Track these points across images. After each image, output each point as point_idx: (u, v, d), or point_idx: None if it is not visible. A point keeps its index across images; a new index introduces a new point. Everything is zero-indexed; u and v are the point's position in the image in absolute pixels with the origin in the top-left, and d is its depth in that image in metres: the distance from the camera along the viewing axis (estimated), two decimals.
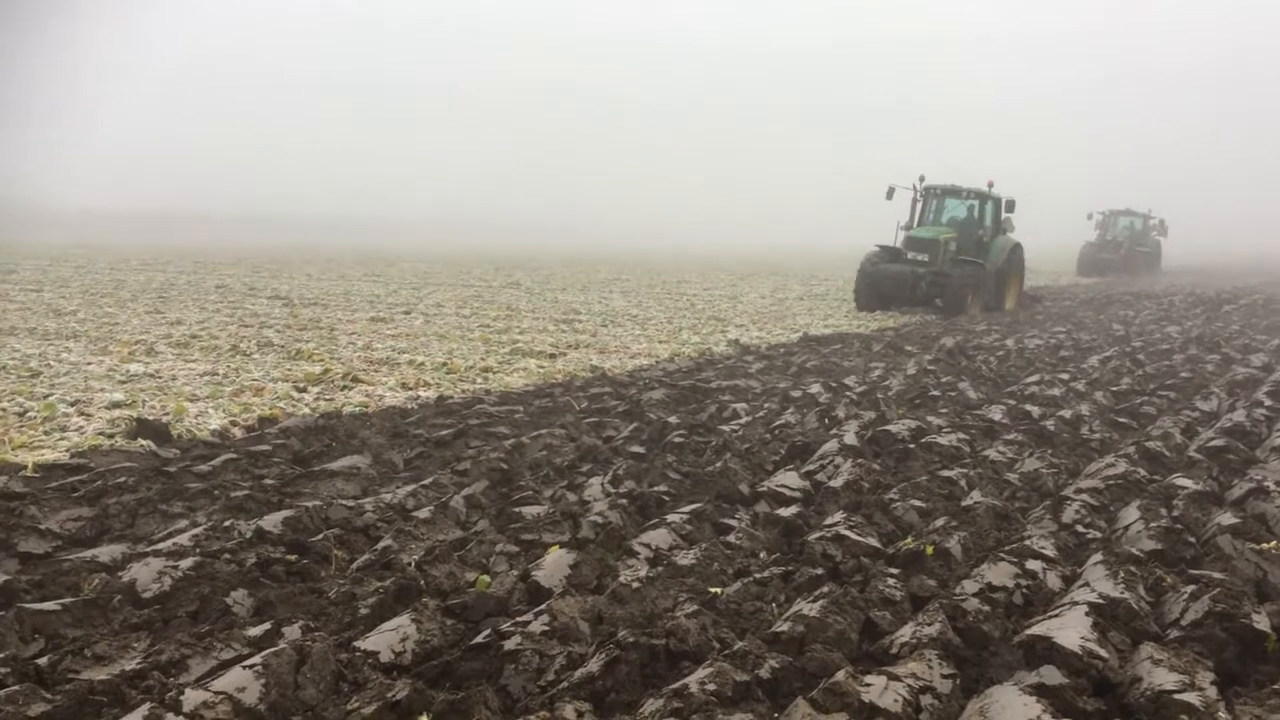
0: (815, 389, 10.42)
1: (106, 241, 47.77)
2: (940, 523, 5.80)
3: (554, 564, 4.86)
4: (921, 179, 22.85)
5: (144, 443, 7.53)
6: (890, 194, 21.96)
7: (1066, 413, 9.30)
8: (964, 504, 6.28)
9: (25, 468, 6.60)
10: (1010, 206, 22.38)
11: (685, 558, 5.09)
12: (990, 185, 22.54)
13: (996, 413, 9.37)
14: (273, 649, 3.67)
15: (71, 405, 9.05)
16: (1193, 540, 5.59)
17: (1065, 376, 11.79)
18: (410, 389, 10.76)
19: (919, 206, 22.86)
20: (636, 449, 7.64)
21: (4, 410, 8.70)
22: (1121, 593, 4.54)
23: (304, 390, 10.41)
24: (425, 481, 6.46)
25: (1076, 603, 4.41)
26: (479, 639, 3.97)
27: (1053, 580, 4.95)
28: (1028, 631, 4.16)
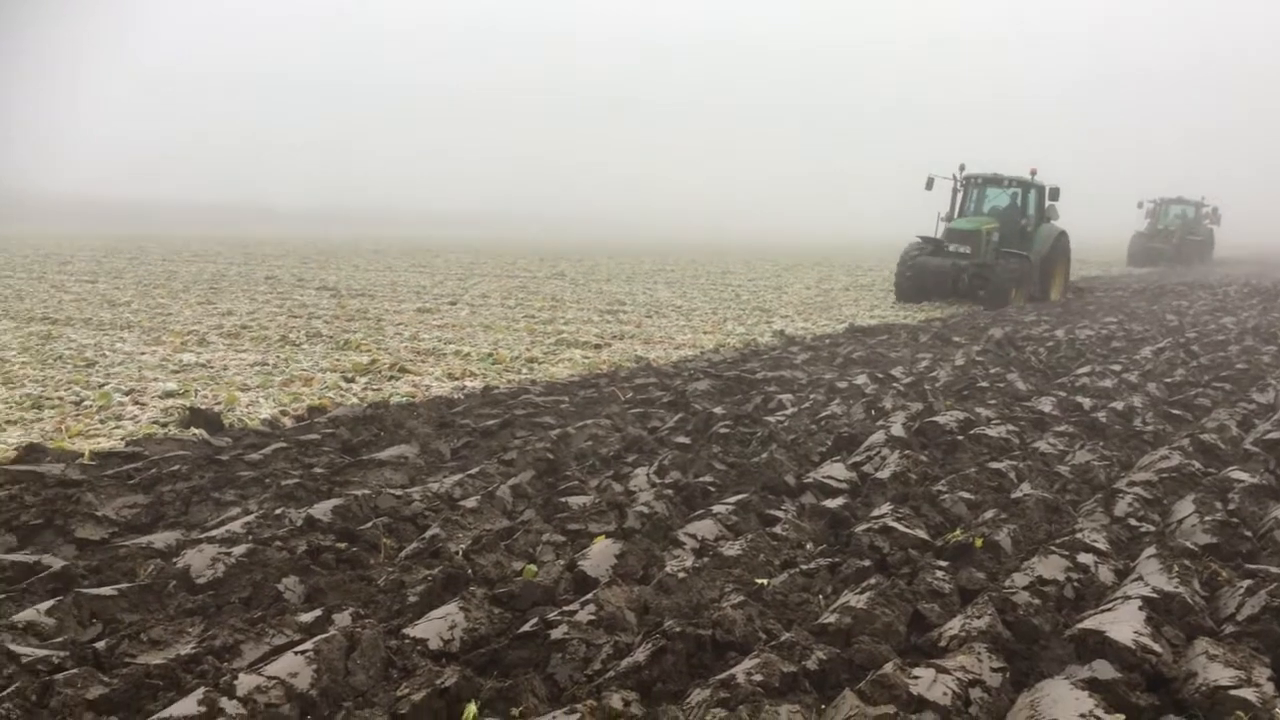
0: (861, 380, 10.35)
1: (136, 231, 48.49)
2: (989, 515, 5.75)
3: (600, 554, 4.87)
4: (962, 168, 22.37)
5: (197, 431, 7.65)
6: (930, 184, 21.59)
7: (1119, 404, 9.17)
8: (1013, 496, 6.21)
9: (82, 455, 6.72)
10: (1054, 194, 21.90)
11: (731, 548, 5.08)
12: (1033, 173, 22.04)
13: (1046, 404, 9.25)
14: (324, 635, 3.71)
15: (126, 394, 9.21)
16: (1249, 534, 5.50)
17: (1117, 368, 11.62)
18: (456, 379, 10.83)
19: (959, 196, 22.45)
20: (682, 439, 7.63)
21: (61, 399, 8.88)
22: (1176, 587, 4.47)
23: (352, 380, 10.52)
24: (472, 471, 6.49)
25: (1129, 597, 4.35)
26: (526, 627, 3.99)
27: (1105, 574, 4.88)
28: (1079, 625, 4.11)
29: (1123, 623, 4.03)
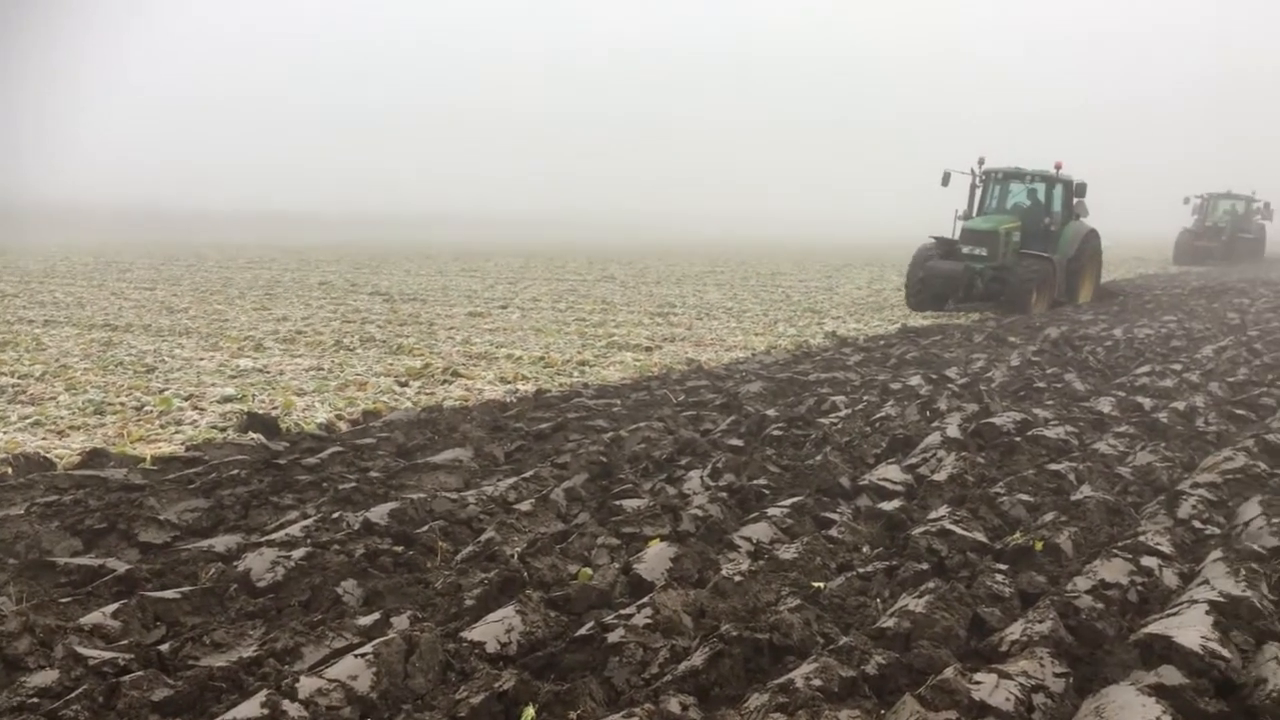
0: (915, 381, 10.25)
1: (185, 239, 49.21)
2: (1049, 517, 5.66)
3: (655, 557, 4.86)
4: (981, 162, 20.67)
5: (254, 436, 7.75)
6: (946, 180, 19.93)
7: (1180, 404, 9.00)
8: (1073, 498, 6.12)
9: (144, 460, 6.84)
10: (1081, 190, 20.12)
11: (787, 551, 5.05)
12: (1058, 167, 20.35)
13: (1105, 405, 9.10)
14: (383, 638, 3.74)
15: (185, 400, 9.36)
16: None
17: (1177, 367, 11.41)
18: (509, 382, 10.88)
19: (979, 193, 20.72)
20: (735, 442, 7.60)
21: (123, 405, 9.04)
22: (1243, 591, 4.37)
23: (405, 384, 10.61)
24: (526, 474, 6.52)
25: (1196, 601, 4.26)
26: (583, 631, 3.99)
27: (1169, 578, 4.79)
28: (1144, 630, 4.03)
29: (1189, 627, 3.95)
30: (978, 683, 3.45)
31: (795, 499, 5.96)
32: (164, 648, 3.82)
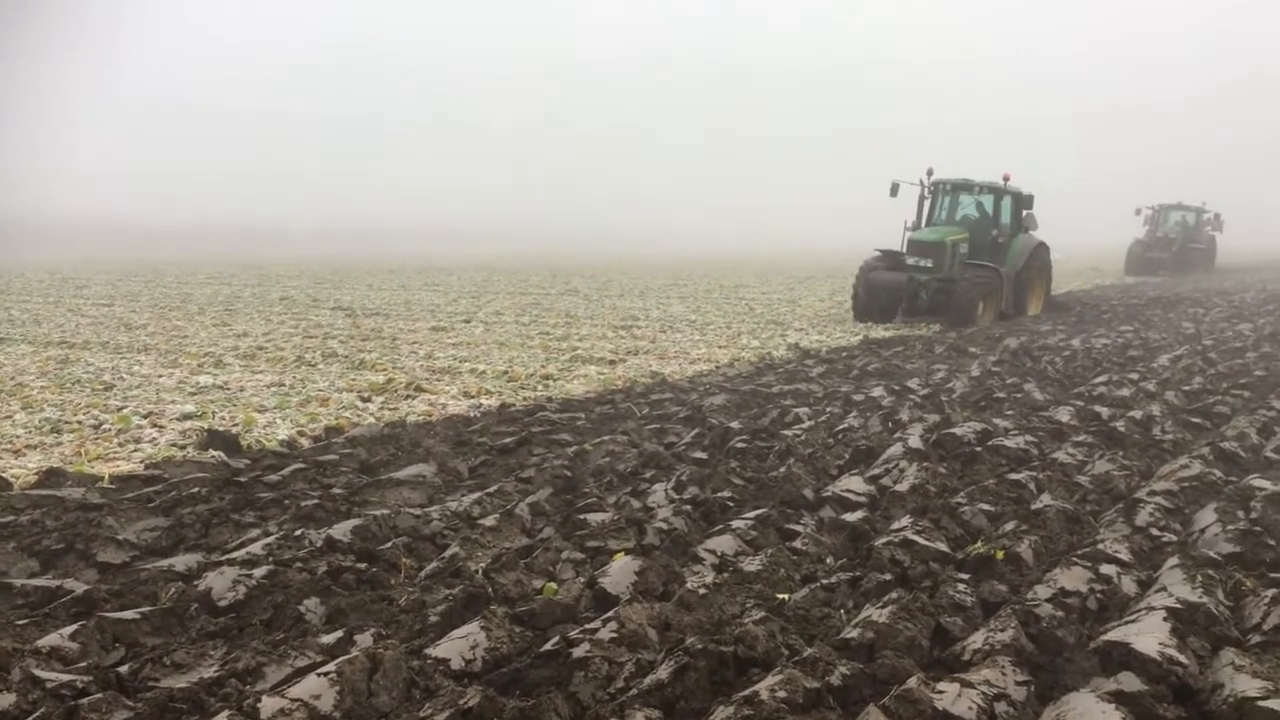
0: (878, 392, 10.34)
1: (146, 254, 48.66)
2: (1010, 527, 5.73)
3: (620, 571, 4.87)
4: (930, 173, 20.44)
5: (215, 453, 7.68)
6: (894, 190, 19.76)
7: (1137, 413, 9.13)
8: (1034, 507, 6.19)
9: (102, 479, 6.75)
10: (1028, 202, 20.06)
11: (751, 564, 5.07)
12: (1006, 179, 20.18)
13: (1064, 414, 9.22)
14: (346, 656, 3.71)
15: (145, 417, 9.25)
16: (1272, 543, 5.45)
17: (1134, 376, 11.58)
18: (472, 397, 10.85)
19: (927, 204, 20.46)
20: (699, 455, 7.63)
21: (80, 423, 8.92)
22: (1200, 597, 4.44)
23: (368, 400, 10.54)
24: (490, 489, 6.50)
25: (1154, 608, 4.32)
26: (548, 646, 3.99)
27: (1128, 585, 4.86)
28: (1104, 637, 4.08)
29: (1147, 634, 4.01)
30: (941, 692, 3.49)
31: (759, 511, 5.98)
32: (123, 669, 3.78)
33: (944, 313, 18.81)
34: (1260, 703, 3.48)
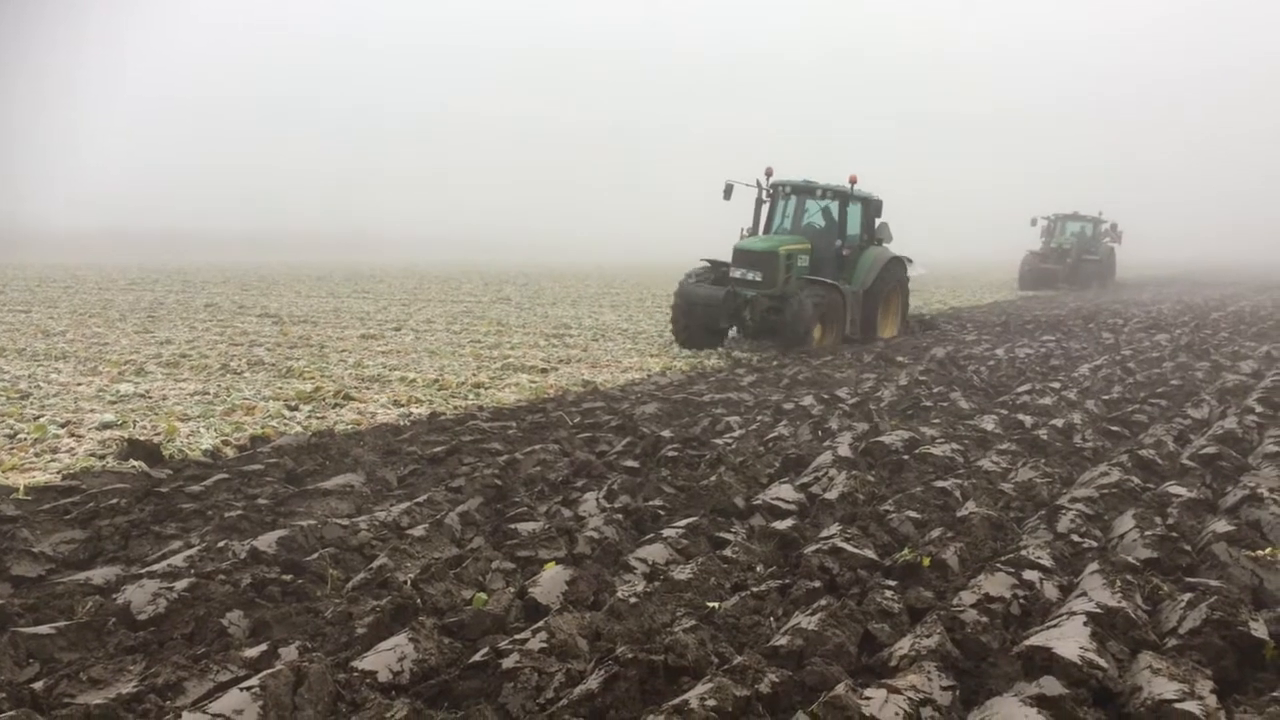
0: (808, 401, 10.43)
1: (101, 260, 47.54)
2: (936, 534, 5.81)
3: (551, 580, 4.85)
4: (769, 173, 17.60)
5: (136, 463, 7.50)
6: (728, 193, 16.92)
7: (1059, 422, 9.33)
8: (959, 515, 6.29)
9: (16, 490, 6.56)
10: (877, 209, 17.55)
11: (682, 572, 5.08)
12: (853, 181, 17.26)
13: (989, 423, 9.39)
14: (270, 670, 3.64)
15: (62, 426, 9.01)
16: (1188, 548, 5.60)
17: (1056, 385, 11.83)
18: (402, 406, 10.74)
19: (765, 209, 17.73)
20: (630, 464, 7.63)
21: None
22: (1119, 602, 4.54)
23: (296, 409, 10.38)
24: (419, 499, 6.44)
25: (1074, 612, 4.41)
26: (477, 657, 3.96)
27: (1050, 590, 4.96)
28: (1026, 642, 4.16)
29: (1068, 638, 4.09)
30: (868, 698, 3.52)
31: (690, 519, 6.00)
32: (38, 686, 3.67)
33: (777, 334, 16.39)
34: (1176, 705, 3.57)
